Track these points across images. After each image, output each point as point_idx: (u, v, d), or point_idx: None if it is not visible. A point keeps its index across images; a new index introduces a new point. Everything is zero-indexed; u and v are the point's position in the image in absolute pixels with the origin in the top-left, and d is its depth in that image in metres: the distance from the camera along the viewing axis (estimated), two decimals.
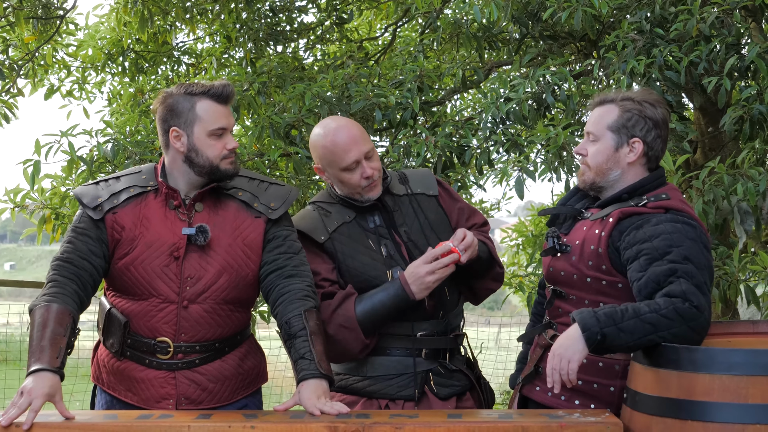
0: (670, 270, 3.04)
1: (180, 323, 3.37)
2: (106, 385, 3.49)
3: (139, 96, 7.85)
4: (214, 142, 3.36)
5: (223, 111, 3.38)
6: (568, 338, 3.02)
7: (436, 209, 3.75)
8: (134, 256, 3.36)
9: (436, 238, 3.65)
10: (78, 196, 3.44)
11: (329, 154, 3.60)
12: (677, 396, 2.82)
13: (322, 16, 8.21)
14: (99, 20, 8.17)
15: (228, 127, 3.38)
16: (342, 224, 3.67)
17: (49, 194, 5.73)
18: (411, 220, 3.69)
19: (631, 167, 3.33)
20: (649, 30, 5.05)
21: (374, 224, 3.67)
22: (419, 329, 3.63)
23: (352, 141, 3.58)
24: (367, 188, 3.63)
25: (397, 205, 3.71)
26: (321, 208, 3.72)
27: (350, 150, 3.57)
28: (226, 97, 3.37)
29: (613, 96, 3.38)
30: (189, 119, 3.36)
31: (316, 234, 3.64)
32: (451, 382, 3.66)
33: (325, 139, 3.61)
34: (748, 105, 4.69)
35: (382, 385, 3.62)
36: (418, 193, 3.75)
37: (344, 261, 3.63)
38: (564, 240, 3.39)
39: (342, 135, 3.60)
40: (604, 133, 3.34)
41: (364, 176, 3.59)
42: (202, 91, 3.36)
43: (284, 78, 6.65)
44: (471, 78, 6.40)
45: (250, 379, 3.55)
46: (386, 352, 3.65)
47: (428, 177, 3.82)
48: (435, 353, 3.65)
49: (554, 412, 3.16)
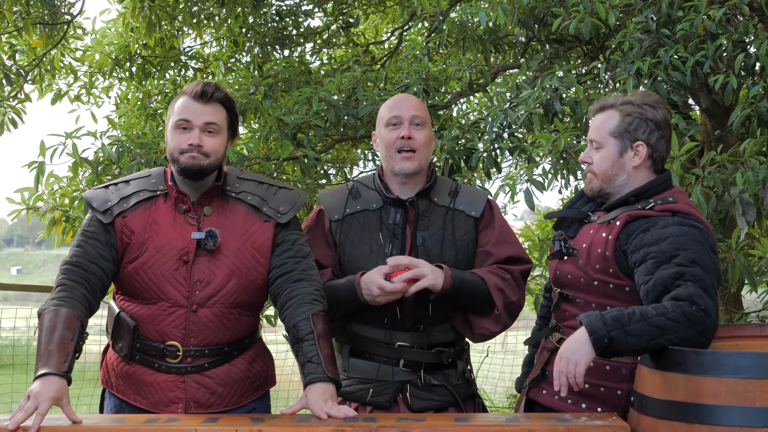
0: (678, 273, 3.03)
1: (189, 327, 3.37)
2: (115, 388, 3.50)
3: (146, 99, 7.86)
4: (178, 135, 3.38)
5: (193, 106, 3.37)
6: (575, 341, 3.01)
7: (470, 230, 3.72)
8: (143, 260, 3.37)
9: (452, 255, 3.65)
10: (88, 200, 3.45)
11: (382, 110, 3.71)
12: (684, 399, 2.82)
13: (329, 20, 8.23)
14: (106, 25, 8.20)
15: (193, 121, 3.36)
16: (362, 211, 3.70)
17: (59, 195, 5.74)
18: (435, 230, 3.67)
19: (637, 171, 3.33)
20: (655, 29, 5.04)
21: (393, 221, 3.67)
22: (397, 339, 3.63)
23: (404, 100, 3.70)
24: (402, 156, 3.64)
25: (429, 212, 3.70)
26: (356, 187, 3.77)
27: (398, 107, 3.66)
28: (199, 93, 3.37)
29: (612, 101, 3.38)
30: (169, 114, 3.43)
31: (331, 212, 3.71)
32: (430, 396, 3.64)
33: (388, 100, 3.76)
34: (756, 103, 4.68)
35: (358, 387, 3.64)
36: (459, 209, 3.73)
37: (345, 245, 3.67)
38: (570, 243, 3.39)
39: (399, 96, 3.76)
40: (607, 140, 3.34)
41: (401, 136, 3.62)
42: (185, 89, 3.42)
43: (290, 82, 6.67)
44: (477, 81, 6.40)
45: (258, 383, 3.55)
46: (365, 356, 3.67)
47: (478, 199, 3.78)
48: (414, 365, 3.64)
49: (561, 415, 3.16)
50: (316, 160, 5.73)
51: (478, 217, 3.72)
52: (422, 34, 8.39)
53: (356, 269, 3.62)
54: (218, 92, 3.40)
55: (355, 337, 3.69)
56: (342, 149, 7.95)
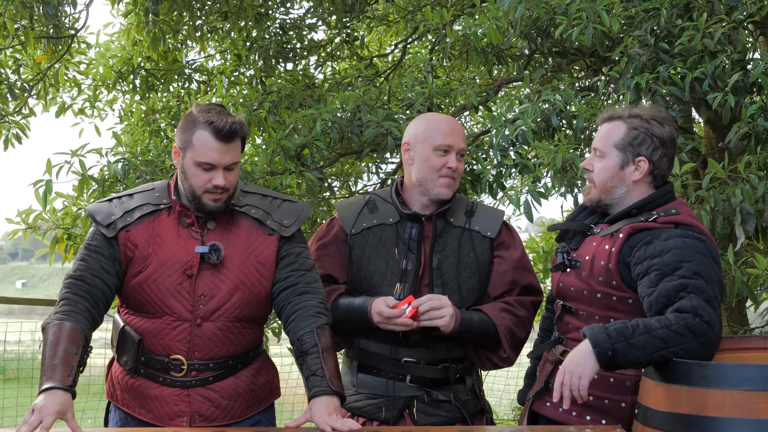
0: (681, 285, 3.03)
1: (193, 341, 3.38)
2: (120, 402, 3.50)
3: (150, 115, 7.88)
4: (200, 173, 3.33)
5: (217, 147, 3.30)
6: (579, 354, 3.01)
7: (486, 251, 3.70)
8: (147, 274, 3.37)
9: (468, 277, 3.64)
10: (91, 214, 3.46)
11: (431, 129, 3.68)
12: (688, 411, 2.82)
13: (332, 34, 8.25)
14: (109, 38, 8.22)
15: (218, 164, 3.31)
16: (378, 225, 3.70)
17: (62, 214, 5.75)
18: (450, 252, 3.66)
19: (637, 185, 3.34)
20: (653, 44, 5.06)
21: (409, 236, 3.67)
22: (403, 354, 3.63)
23: (457, 130, 3.70)
24: (443, 181, 3.64)
25: (445, 233, 3.69)
26: (374, 201, 3.77)
27: (452, 135, 3.66)
28: (226, 134, 3.29)
29: (621, 112, 3.37)
30: (186, 142, 3.35)
31: (348, 225, 3.72)
32: (436, 412, 3.62)
33: (434, 117, 3.77)
34: (753, 122, 4.69)
35: (365, 402, 3.63)
36: (475, 230, 3.71)
37: (361, 259, 3.67)
38: (573, 255, 3.39)
39: (451, 121, 3.74)
40: (610, 151, 3.34)
41: (449, 166, 3.62)
42: (206, 120, 3.31)
43: (294, 97, 6.68)
44: (481, 95, 6.41)
45: (263, 395, 3.55)
46: (372, 371, 3.67)
47: (494, 219, 3.76)
48: (421, 381, 3.63)
49: (566, 428, 3.16)
50: (320, 180, 5.75)
51: (493, 237, 3.71)
52: (426, 47, 8.41)
53: (371, 284, 3.63)
54: (242, 130, 3.35)
55: (363, 353, 3.69)
56: (347, 162, 7.96)
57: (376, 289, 3.62)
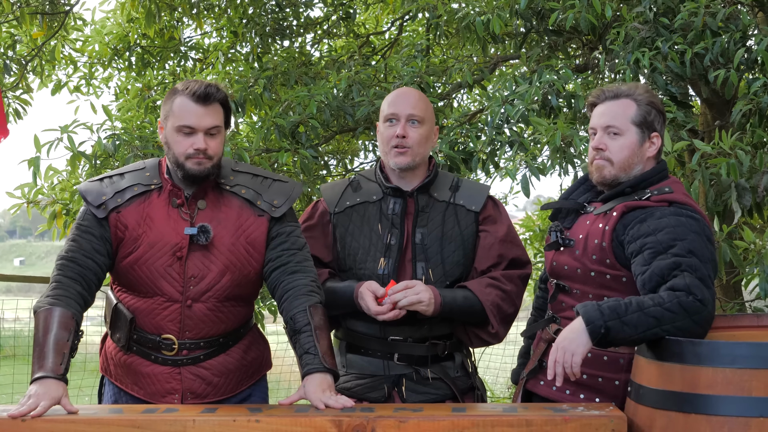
0: (675, 263, 3.03)
1: (184, 321, 3.38)
2: (113, 377, 3.52)
3: (146, 92, 7.86)
4: (181, 139, 3.34)
5: (194, 109, 3.31)
6: (571, 331, 3.01)
7: (471, 224, 3.68)
8: (137, 255, 3.37)
9: (452, 251, 3.63)
10: (83, 193, 3.45)
11: (383, 104, 3.70)
12: (681, 389, 2.82)
13: (329, 11, 8.22)
14: (105, 16, 8.19)
15: (197, 126, 3.32)
16: (362, 203, 3.70)
17: (59, 189, 5.73)
18: (434, 227, 3.65)
19: (649, 161, 3.34)
20: (653, 20, 5.03)
21: (392, 211, 3.66)
22: (391, 333, 3.62)
23: (403, 97, 3.67)
24: (395, 151, 3.62)
25: (428, 208, 3.68)
26: (357, 180, 3.77)
27: (396, 103, 3.65)
28: (201, 95, 3.31)
29: (627, 90, 3.34)
30: (167, 111, 3.37)
31: (331, 205, 3.72)
32: (426, 390, 3.62)
33: (392, 92, 3.75)
34: (756, 98, 4.67)
35: (354, 383, 3.63)
36: (459, 204, 3.70)
37: (344, 237, 3.67)
38: (567, 234, 3.38)
39: (399, 91, 3.73)
40: (629, 128, 3.31)
41: (396, 134, 3.60)
42: (183, 88, 3.35)
43: (289, 74, 6.66)
44: (476, 74, 6.39)
45: (254, 369, 3.57)
46: (360, 351, 3.67)
47: (479, 194, 3.74)
48: (409, 359, 3.62)
49: (559, 405, 3.16)
50: (315, 158, 5.74)
51: (478, 211, 3.69)
52: (422, 25, 8.37)
53: (356, 261, 3.63)
54: (219, 93, 3.36)
55: (350, 333, 3.69)
56: (342, 140, 7.94)
57: (360, 266, 3.62)
